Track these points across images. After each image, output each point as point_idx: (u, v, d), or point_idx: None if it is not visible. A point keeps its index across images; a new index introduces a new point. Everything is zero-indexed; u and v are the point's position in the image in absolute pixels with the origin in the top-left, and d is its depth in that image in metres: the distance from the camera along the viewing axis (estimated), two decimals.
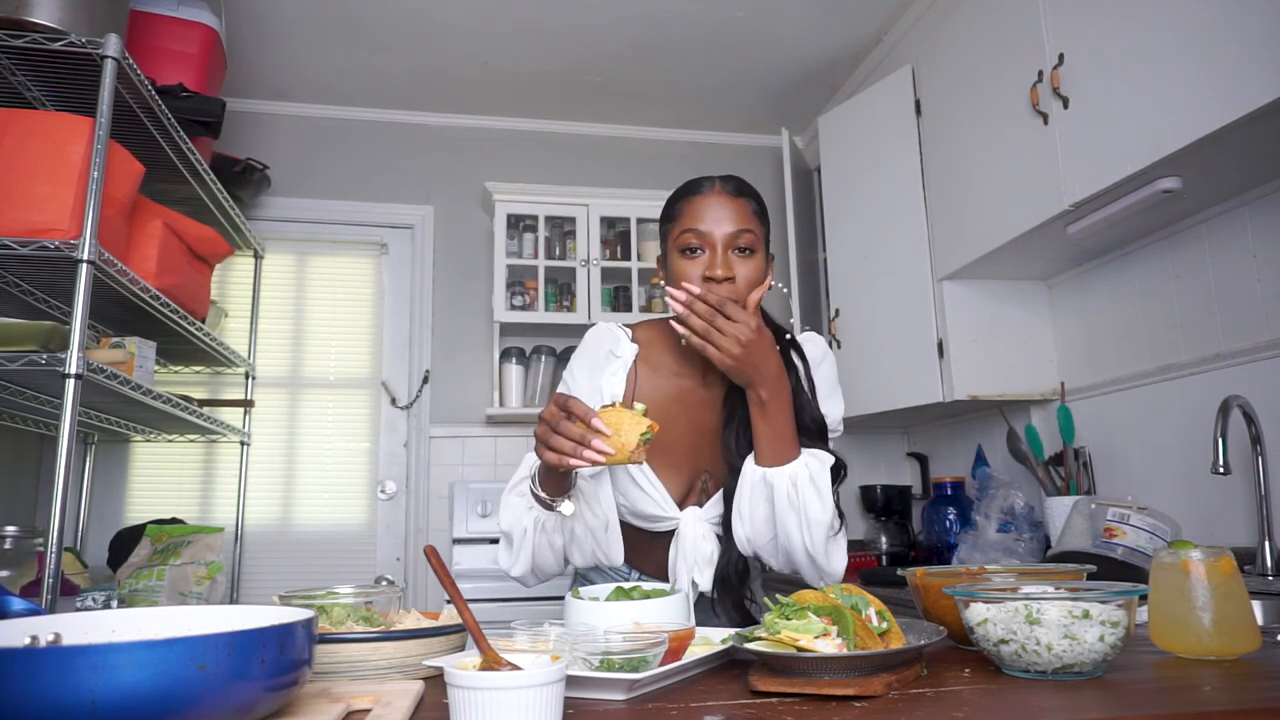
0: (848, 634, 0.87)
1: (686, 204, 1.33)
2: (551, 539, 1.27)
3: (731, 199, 1.32)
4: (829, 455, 1.30)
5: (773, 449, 1.26)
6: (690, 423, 1.38)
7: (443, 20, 2.96)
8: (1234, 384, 1.99)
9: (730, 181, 1.35)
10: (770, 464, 1.26)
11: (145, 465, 3.24)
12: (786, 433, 1.26)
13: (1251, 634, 0.98)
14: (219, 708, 0.64)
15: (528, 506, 1.27)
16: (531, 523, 1.27)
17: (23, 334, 1.84)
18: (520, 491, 1.29)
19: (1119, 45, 1.89)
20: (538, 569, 1.31)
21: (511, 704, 0.68)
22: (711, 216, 1.30)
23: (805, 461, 1.27)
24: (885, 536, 3.11)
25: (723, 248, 1.29)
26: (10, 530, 1.93)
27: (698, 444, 1.39)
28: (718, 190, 1.33)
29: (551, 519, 1.26)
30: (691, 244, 1.30)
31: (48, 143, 1.82)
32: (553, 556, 1.29)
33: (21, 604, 0.82)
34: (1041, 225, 2.16)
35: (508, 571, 1.31)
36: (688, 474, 1.40)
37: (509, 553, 1.30)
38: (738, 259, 1.30)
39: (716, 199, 1.31)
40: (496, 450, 3.46)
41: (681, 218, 1.33)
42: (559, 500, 1.22)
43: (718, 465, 1.38)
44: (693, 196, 1.33)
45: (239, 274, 3.38)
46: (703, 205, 1.31)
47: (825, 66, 3.30)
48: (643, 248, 3.49)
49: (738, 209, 1.31)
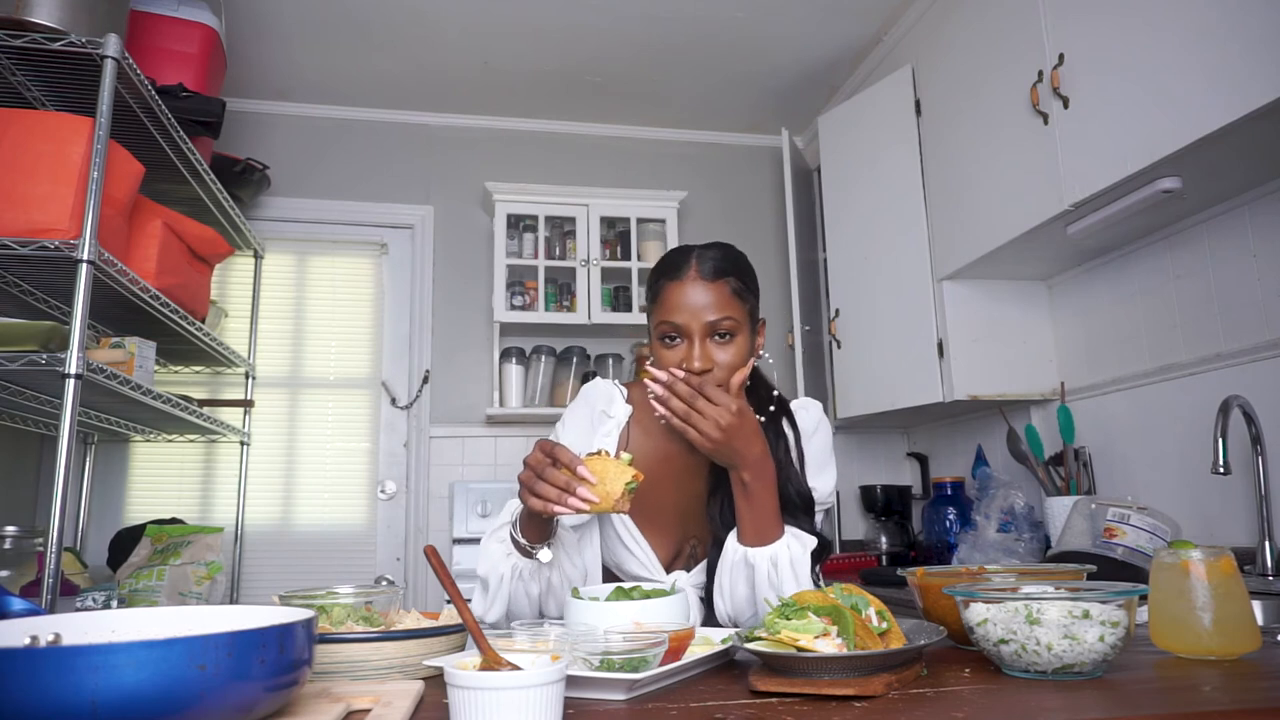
0: (848, 634, 0.87)
1: (665, 290, 1.30)
2: (528, 587, 1.25)
3: (708, 285, 1.27)
4: (811, 538, 1.28)
5: (755, 528, 1.25)
6: (679, 488, 1.38)
7: (443, 20, 2.96)
8: (1234, 384, 1.99)
9: (708, 260, 1.30)
10: (752, 543, 1.25)
11: (145, 465, 3.24)
12: (769, 512, 1.25)
13: (1251, 634, 0.98)
14: (219, 708, 0.64)
15: (505, 553, 1.25)
16: (509, 569, 1.24)
17: (23, 334, 1.84)
18: (500, 538, 1.27)
19: (1119, 45, 1.89)
20: (513, 615, 1.28)
21: (511, 704, 0.68)
22: (688, 306, 1.27)
23: (787, 544, 1.25)
24: (885, 536, 3.11)
25: (700, 337, 1.27)
26: (10, 530, 1.93)
27: (686, 509, 1.39)
28: (693, 275, 1.28)
29: (529, 566, 1.24)
30: (669, 334, 1.29)
31: (48, 143, 1.82)
32: (528, 604, 1.27)
33: (21, 604, 0.82)
34: (1041, 225, 2.16)
35: (482, 618, 1.28)
36: (675, 538, 1.40)
37: (484, 598, 1.28)
38: (717, 346, 1.28)
39: (692, 286, 1.27)
40: (496, 450, 3.46)
41: (659, 305, 1.31)
42: (538, 547, 1.21)
43: (706, 531, 1.39)
44: (669, 283, 1.30)
45: (239, 274, 3.38)
46: (679, 294, 1.28)
47: (825, 66, 3.30)
48: (643, 248, 3.49)
49: (716, 294, 1.27)
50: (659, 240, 3.50)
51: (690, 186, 3.67)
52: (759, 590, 1.24)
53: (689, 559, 1.41)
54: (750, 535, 1.25)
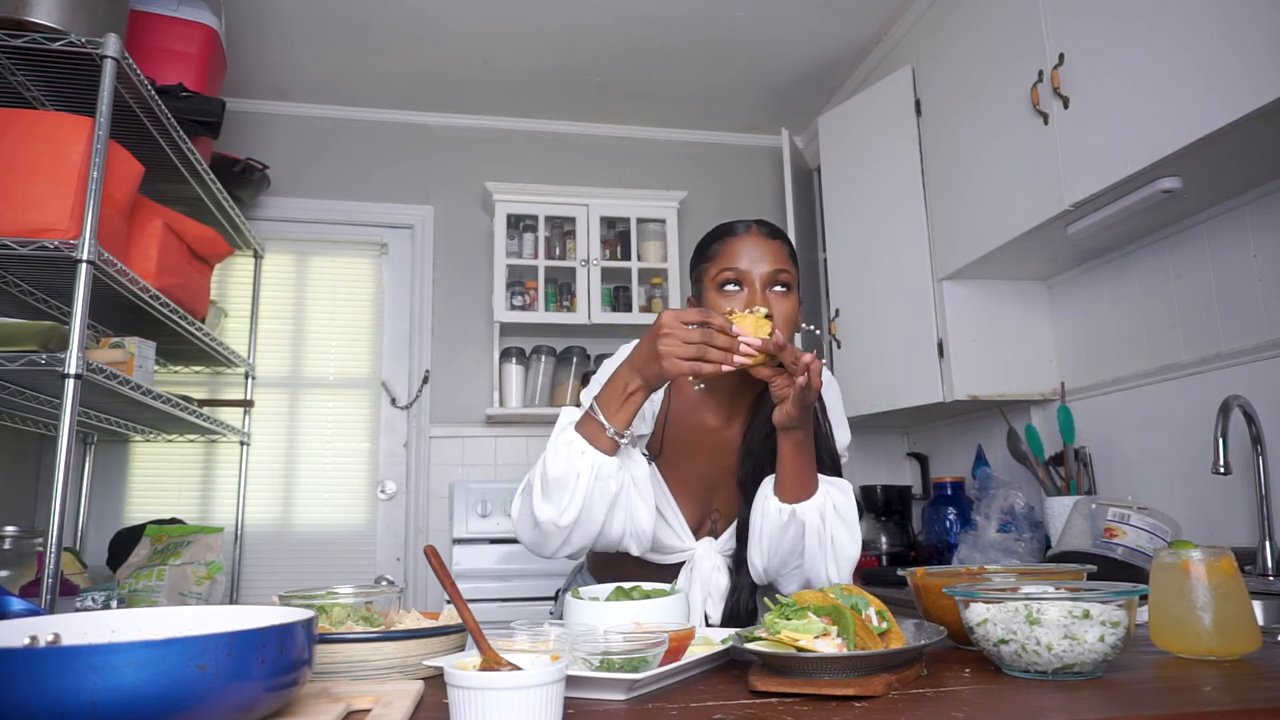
0: (848, 634, 0.87)
1: (723, 245, 1.36)
2: (605, 485, 1.22)
3: (767, 240, 1.35)
4: (846, 483, 1.33)
5: (798, 485, 1.28)
6: (711, 460, 1.41)
7: (443, 20, 2.96)
8: (1234, 384, 1.99)
9: (764, 225, 1.38)
10: (795, 499, 1.27)
11: (145, 465, 3.24)
12: (811, 467, 1.29)
13: (1252, 634, 0.98)
14: (219, 708, 0.64)
15: (580, 451, 1.21)
16: (587, 466, 1.21)
17: (23, 334, 1.84)
18: (568, 440, 1.23)
19: (1119, 45, 1.89)
20: (584, 521, 1.23)
21: (511, 704, 0.68)
22: (749, 256, 1.33)
23: (827, 492, 1.29)
24: (885, 536, 3.11)
25: (761, 285, 1.31)
26: (10, 530, 1.93)
27: (714, 481, 1.42)
28: (754, 232, 1.36)
29: (608, 464, 1.21)
30: (731, 280, 1.32)
31: (48, 143, 1.82)
32: (601, 507, 1.23)
33: (21, 604, 0.82)
34: (1041, 225, 2.16)
35: (554, 520, 1.22)
36: (701, 508, 1.43)
37: (558, 500, 1.22)
38: (775, 296, 1.32)
39: (753, 239, 1.34)
40: (496, 450, 3.46)
41: (719, 258, 1.35)
42: (626, 432, 1.21)
43: (727, 505, 1.43)
44: (729, 238, 1.36)
45: (239, 274, 3.38)
46: (740, 245, 1.34)
47: (825, 66, 3.30)
48: (643, 248, 3.49)
49: (774, 250, 1.34)
50: (659, 240, 3.51)
51: (690, 186, 3.67)
52: (809, 546, 1.28)
53: (709, 531, 1.44)
54: (794, 492, 1.28)
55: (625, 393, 1.21)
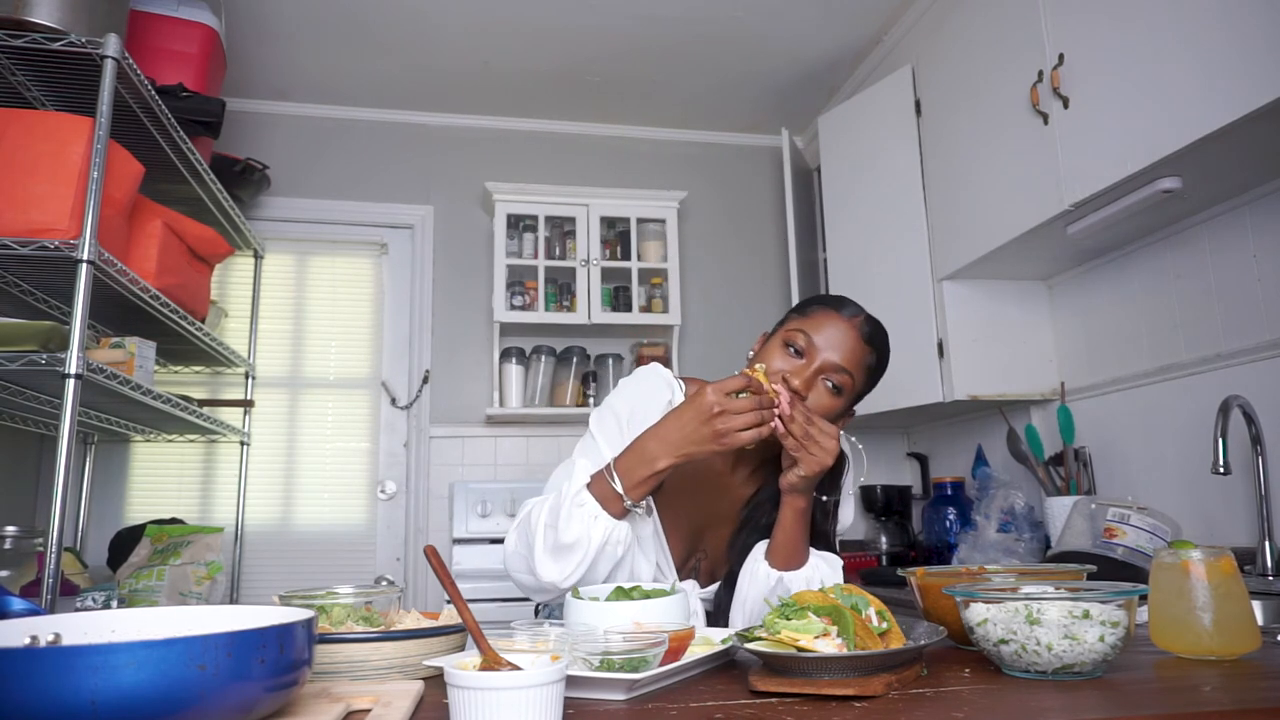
0: (848, 634, 0.87)
1: (821, 312, 1.31)
2: (614, 551, 1.23)
3: (859, 338, 1.28)
4: (837, 559, 1.33)
5: (793, 552, 1.28)
6: (706, 502, 1.40)
7: (443, 20, 2.96)
8: (1234, 384, 1.99)
9: (872, 326, 1.32)
10: (784, 566, 1.28)
11: (145, 465, 3.24)
12: (805, 538, 1.29)
13: (1252, 634, 0.98)
14: (219, 708, 0.64)
15: (593, 516, 1.22)
16: (600, 534, 1.21)
17: (23, 334, 1.84)
18: (580, 502, 1.23)
19: (1119, 45, 1.89)
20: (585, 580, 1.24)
21: (511, 704, 0.68)
22: (832, 338, 1.27)
23: (816, 565, 1.29)
24: (885, 536, 3.11)
25: (817, 369, 1.27)
26: (10, 530, 1.93)
27: (705, 524, 1.41)
28: (855, 323, 1.29)
29: (619, 530, 1.23)
30: (798, 343, 1.28)
31: (48, 143, 1.82)
32: (605, 569, 1.24)
33: (21, 604, 0.82)
34: (1041, 225, 2.16)
35: (556, 584, 1.23)
36: (688, 547, 1.42)
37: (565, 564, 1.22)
38: (823, 389, 1.28)
39: (848, 328, 1.28)
40: (496, 450, 3.46)
41: (808, 319, 1.30)
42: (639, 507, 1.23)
43: (714, 547, 1.41)
44: (832, 311, 1.31)
45: (239, 274, 3.38)
46: (831, 324, 1.29)
47: (825, 66, 3.30)
48: (643, 248, 3.49)
49: (858, 350, 1.28)
50: (659, 240, 3.51)
51: (690, 186, 3.67)
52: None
53: (692, 571, 1.43)
54: (783, 559, 1.28)
55: (653, 469, 1.20)
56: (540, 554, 1.23)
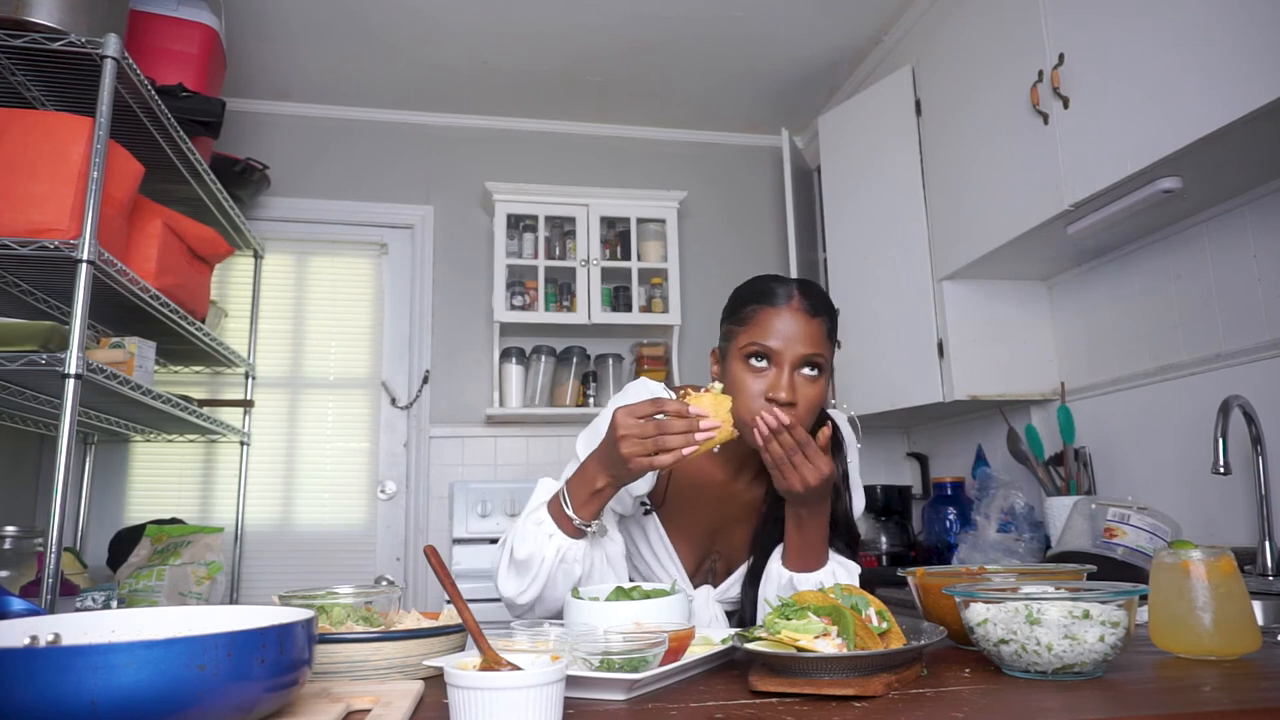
0: (848, 634, 0.87)
1: (758, 313, 1.25)
2: (570, 569, 1.23)
3: (808, 318, 1.24)
4: (855, 565, 1.32)
5: (802, 556, 1.27)
6: (714, 507, 1.40)
7: (443, 20, 2.96)
8: (1234, 384, 1.99)
9: (811, 295, 1.27)
10: (798, 569, 1.27)
11: (145, 465, 3.24)
12: (818, 543, 1.28)
13: (1252, 634, 0.98)
14: (219, 708, 0.64)
15: (548, 534, 1.23)
16: (553, 551, 1.22)
17: (23, 334, 1.84)
18: (537, 520, 1.24)
19: (1119, 45, 1.89)
20: (545, 599, 1.26)
21: (511, 704, 0.68)
22: (784, 334, 1.23)
23: (833, 571, 1.28)
24: (885, 536, 3.11)
25: (790, 367, 1.23)
26: (10, 530, 1.93)
27: (716, 528, 1.41)
28: (795, 306, 1.24)
29: (574, 548, 1.23)
30: (758, 355, 1.24)
31: (48, 143, 1.82)
32: (565, 587, 1.24)
33: (21, 604, 0.82)
34: (1041, 225, 2.16)
35: (513, 599, 1.26)
36: (700, 552, 1.42)
37: (520, 580, 1.24)
38: (803, 380, 1.24)
39: (792, 315, 1.24)
40: (496, 450, 3.46)
41: (751, 326, 1.25)
42: (593, 525, 1.22)
43: (728, 547, 1.42)
44: (766, 307, 1.25)
45: (239, 274, 3.38)
46: (776, 320, 1.23)
47: (825, 66, 3.30)
48: (642, 248, 3.49)
49: (812, 330, 1.24)
50: (659, 240, 3.51)
51: (690, 186, 3.67)
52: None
53: (708, 573, 1.44)
54: (797, 562, 1.28)
55: (593, 488, 1.20)
56: (502, 569, 1.27)
